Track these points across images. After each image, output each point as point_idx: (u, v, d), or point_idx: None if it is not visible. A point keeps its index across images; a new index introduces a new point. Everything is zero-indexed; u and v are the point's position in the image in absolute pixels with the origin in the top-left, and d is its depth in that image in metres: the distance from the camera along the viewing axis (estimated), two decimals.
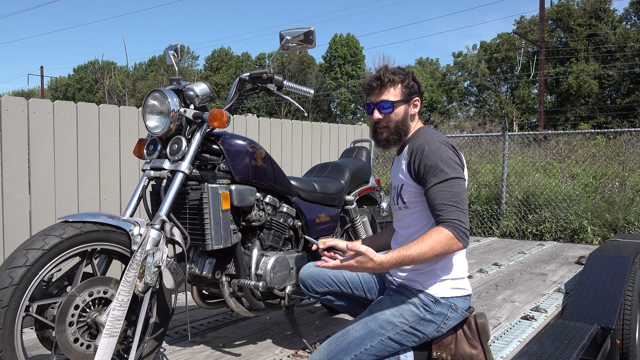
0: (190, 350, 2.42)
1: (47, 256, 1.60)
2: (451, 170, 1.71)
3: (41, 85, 37.50)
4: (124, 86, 27.51)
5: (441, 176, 1.70)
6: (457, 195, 1.69)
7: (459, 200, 1.68)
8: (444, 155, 1.73)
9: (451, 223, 1.65)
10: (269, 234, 2.31)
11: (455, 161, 1.74)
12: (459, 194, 1.69)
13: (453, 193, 1.69)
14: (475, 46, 38.83)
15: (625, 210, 6.12)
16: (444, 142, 1.77)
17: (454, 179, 1.70)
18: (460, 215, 1.66)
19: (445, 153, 1.74)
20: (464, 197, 1.70)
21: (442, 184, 1.70)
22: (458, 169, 1.74)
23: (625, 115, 27.52)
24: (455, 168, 1.73)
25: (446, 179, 1.70)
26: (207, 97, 2.06)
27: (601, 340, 2.33)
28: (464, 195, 1.71)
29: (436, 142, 1.76)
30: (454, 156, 1.75)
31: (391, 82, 1.85)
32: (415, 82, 1.88)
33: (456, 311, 1.81)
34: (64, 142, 3.30)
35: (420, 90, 1.91)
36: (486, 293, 3.44)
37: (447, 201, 1.68)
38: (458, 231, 1.65)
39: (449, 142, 1.78)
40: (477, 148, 9.49)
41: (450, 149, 1.76)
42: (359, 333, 1.78)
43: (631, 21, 32.20)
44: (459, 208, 1.67)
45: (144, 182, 2.03)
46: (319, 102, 38.16)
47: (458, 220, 1.66)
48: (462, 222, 1.66)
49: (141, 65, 48.14)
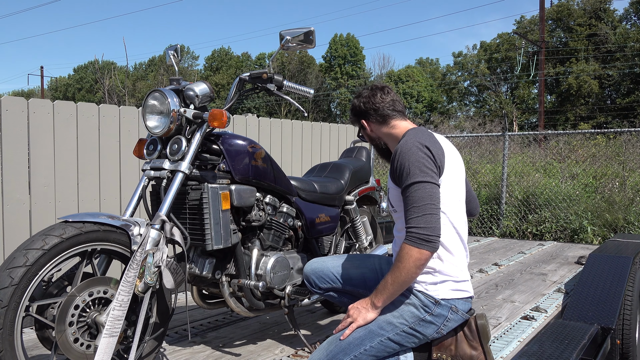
0: (190, 350, 2.42)
1: (47, 256, 1.60)
2: (412, 176, 1.68)
3: (41, 85, 37.52)
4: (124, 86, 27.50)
5: (404, 184, 1.70)
6: (418, 200, 1.66)
7: (420, 206, 1.65)
8: (409, 159, 1.71)
9: (408, 234, 1.65)
10: (269, 234, 2.31)
11: (421, 162, 1.70)
12: (420, 198, 1.66)
13: (414, 198, 1.67)
14: (475, 46, 38.85)
15: (625, 210, 6.12)
16: (416, 144, 1.74)
17: (415, 183, 1.68)
18: (418, 222, 1.63)
19: (410, 156, 1.71)
20: (426, 201, 1.65)
21: (406, 191, 1.70)
22: (423, 170, 1.69)
23: (625, 115, 27.51)
24: (419, 171, 1.68)
25: (408, 184, 1.69)
26: (207, 97, 2.06)
27: (601, 340, 2.33)
28: (426, 198, 1.66)
29: (405, 146, 1.75)
30: (421, 157, 1.71)
31: (350, 117, 2.10)
32: (354, 108, 2.04)
33: (457, 313, 1.81)
34: (64, 142, 3.30)
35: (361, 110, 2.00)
36: (486, 293, 3.44)
37: (409, 208, 1.68)
38: (413, 239, 1.63)
39: (422, 143, 1.74)
40: (477, 148, 9.50)
41: (418, 148, 1.72)
42: (358, 333, 1.77)
43: (631, 21, 32.20)
44: (417, 214, 1.64)
45: (144, 182, 2.03)
46: (319, 102, 38.16)
47: (414, 227, 1.63)
48: (418, 227, 1.63)
49: (141, 65, 48.16)
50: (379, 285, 1.73)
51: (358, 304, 1.79)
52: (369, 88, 2.03)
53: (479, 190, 7.37)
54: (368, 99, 1.99)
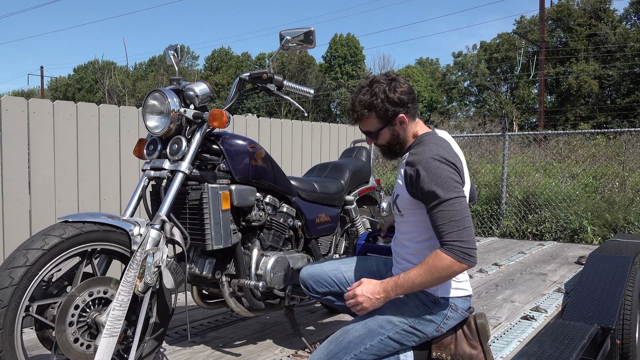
0: (190, 350, 2.42)
1: (47, 256, 1.60)
2: (447, 192, 1.66)
3: (41, 85, 37.52)
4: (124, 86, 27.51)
5: (439, 199, 1.67)
6: (457, 214, 1.65)
7: (460, 219, 1.65)
8: (441, 176, 1.67)
9: (450, 247, 1.64)
10: (269, 234, 2.31)
11: (452, 178, 1.68)
12: (458, 212, 1.65)
13: (453, 212, 1.65)
14: (475, 46, 38.86)
15: (625, 210, 6.12)
16: (438, 158, 1.69)
17: (451, 199, 1.66)
18: (460, 235, 1.63)
19: (441, 172, 1.67)
20: (464, 215, 1.66)
21: (440, 206, 1.67)
22: (455, 186, 1.68)
23: (625, 115, 27.51)
24: (452, 187, 1.67)
25: (444, 200, 1.66)
26: (207, 97, 2.06)
27: (601, 340, 2.33)
28: (464, 212, 1.66)
29: (430, 161, 1.69)
30: (450, 172, 1.68)
31: (363, 115, 1.80)
32: (389, 103, 1.76)
33: (456, 311, 1.81)
34: (64, 142, 3.30)
35: (403, 102, 1.77)
36: (486, 293, 3.44)
37: (446, 222, 1.65)
38: (457, 253, 1.62)
39: (443, 157, 1.70)
40: (477, 148, 9.50)
41: (445, 163, 1.69)
42: (358, 332, 1.78)
43: (631, 21, 32.20)
44: (459, 227, 1.64)
45: (144, 182, 2.03)
46: (319, 102, 38.16)
47: (458, 241, 1.63)
48: (462, 242, 1.63)
49: (141, 65, 48.15)
50: (400, 280, 1.70)
51: (368, 292, 1.73)
52: (387, 77, 1.80)
53: (479, 190, 7.37)
54: (407, 88, 1.79)
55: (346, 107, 1.88)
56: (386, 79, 1.79)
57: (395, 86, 1.77)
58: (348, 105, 1.86)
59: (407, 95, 1.79)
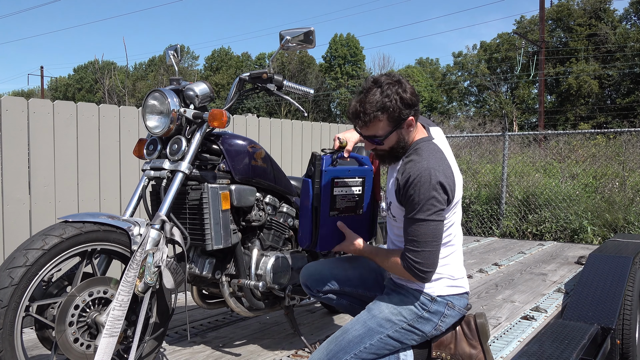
0: (190, 350, 2.42)
1: (47, 256, 1.60)
2: (421, 212, 1.66)
3: (41, 85, 37.53)
4: (124, 86, 27.51)
5: (411, 214, 1.69)
6: (420, 235, 1.67)
7: (421, 242, 1.67)
8: (424, 194, 1.65)
9: (406, 259, 1.72)
10: (269, 234, 2.31)
11: (434, 199, 1.65)
12: (422, 234, 1.67)
13: (417, 232, 1.68)
14: (475, 46, 38.86)
15: (625, 210, 6.12)
16: (429, 175, 1.66)
17: (422, 220, 1.66)
18: (417, 255, 1.68)
19: (425, 190, 1.65)
20: (427, 238, 1.66)
21: (410, 220, 1.70)
22: (433, 209, 1.65)
23: (625, 115, 27.50)
24: (429, 209, 1.65)
25: (414, 218, 1.68)
26: (207, 97, 2.06)
27: (601, 340, 2.33)
28: (429, 235, 1.66)
29: (420, 176, 1.66)
30: (436, 193, 1.65)
31: (375, 118, 1.70)
32: (401, 103, 1.68)
33: (453, 309, 1.82)
34: (64, 142, 3.30)
35: (414, 103, 1.72)
36: (486, 293, 3.44)
37: (409, 237, 1.70)
38: (409, 268, 1.71)
39: (435, 175, 1.66)
40: (477, 148, 9.50)
41: (434, 183, 1.65)
42: (358, 332, 1.78)
43: (631, 21, 32.21)
44: (417, 248, 1.68)
45: (144, 182, 2.03)
46: (319, 102, 38.16)
47: (413, 260, 1.70)
48: (416, 261, 1.69)
49: (141, 65, 48.16)
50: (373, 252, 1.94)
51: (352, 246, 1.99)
52: (392, 77, 1.73)
53: (479, 190, 7.37)
54: (413, 89, 1.73)
55: (351, 110, 1.75)
56: (392, 80, 1.71)
57: (405, 87, 1.71)
58: (356, 108, 1.72)
59: (416, 96, 1.74)
